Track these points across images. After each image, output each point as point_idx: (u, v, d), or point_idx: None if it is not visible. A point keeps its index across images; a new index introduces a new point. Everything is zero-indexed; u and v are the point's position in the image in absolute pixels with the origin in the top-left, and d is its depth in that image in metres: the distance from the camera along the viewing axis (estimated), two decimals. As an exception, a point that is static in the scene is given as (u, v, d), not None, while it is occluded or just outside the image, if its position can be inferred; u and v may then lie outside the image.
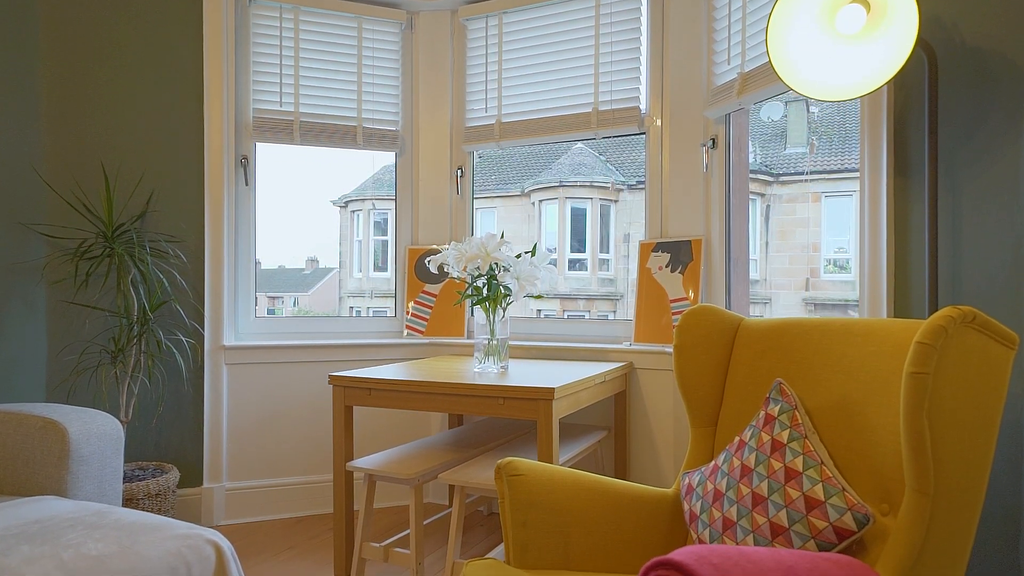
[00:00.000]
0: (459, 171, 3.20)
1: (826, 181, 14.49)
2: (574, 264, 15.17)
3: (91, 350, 2.76)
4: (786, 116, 15.46)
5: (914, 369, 1.13)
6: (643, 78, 2.82)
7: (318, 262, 22.20)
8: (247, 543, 2.66)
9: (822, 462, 1.33)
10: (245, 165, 2.99)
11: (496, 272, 2.39)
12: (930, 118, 1.67)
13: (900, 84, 1.87)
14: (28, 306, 2.68)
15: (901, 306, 1.88)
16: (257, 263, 3.11)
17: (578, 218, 15.18)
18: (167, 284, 2.82)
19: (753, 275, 14.84)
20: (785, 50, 1.66)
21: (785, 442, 1.38)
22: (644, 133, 2.83)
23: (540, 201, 15.44)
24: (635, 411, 2.73)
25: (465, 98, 3.19)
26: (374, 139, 3.14)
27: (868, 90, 1.56)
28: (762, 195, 14.78)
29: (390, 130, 3.17)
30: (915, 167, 1.83)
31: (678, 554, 0.91)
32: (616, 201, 15.26)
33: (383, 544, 2.19)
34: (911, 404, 1.14)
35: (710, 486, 1.47)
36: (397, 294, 3.24)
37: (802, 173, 14.58)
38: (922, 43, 1.63)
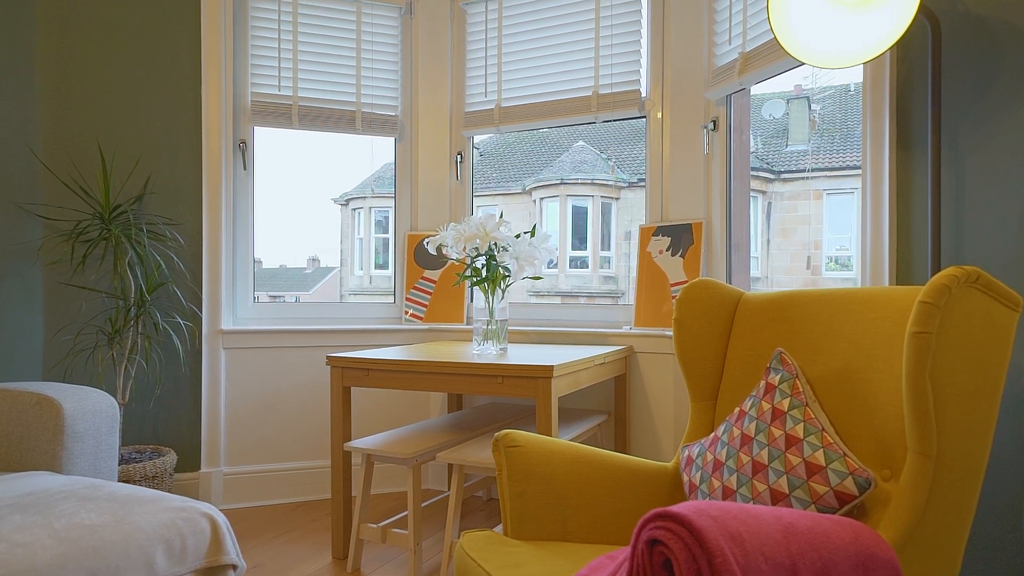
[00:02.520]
0: (459, 156, 3.18)
1: (828, 179, 14.47)
2: (575, 262, 15.15)
3: (88, 331, 2.75)
4: (787, 114, 15.45)
5: (917, 329, 1.11)
6: (643, 61, 2.80)
7: (319, 261, 22.19)
8: (245, 527, 2.64)
9: (823, 428, 1.31)
10: (243, 149, 2.97)
11: (495, 252, 2.37)
12: (933, 87, 1.65)
13: (903, 55, 1.85)
14: (24, 287, 2.66)
15: (903, 277, 1.86)
16: (258, 262, 3.09)
17: (579, 216, 15.15)
18: (164, 267, 2.81)
19: (754, 272, 14.81)
20: (787, 19, 1.65)
21: (786, 410, 1.36)
22: (644, 116, 2.81)
23: (541, 199, 15.42)
24: (635, 395, 2.71)
25: (465, 83, 3.17)
26: (373, 124, 3.12)
27: (870, 56, 1.54)
28: (763, 192, 14.75)
29: (389, 115, 3.15)
30: (918, 137, 1.82)
31: (678, 507, 0.89)
32: (617, 199, 15.24)
33: (381, 525, 2.17)
34: (913, 365, 1.12)
35: (710, 457, 1.46)
36: (396, 280, 3.22)
37: (804, 170, 14.56)
38: (925, 10, 1.61)
